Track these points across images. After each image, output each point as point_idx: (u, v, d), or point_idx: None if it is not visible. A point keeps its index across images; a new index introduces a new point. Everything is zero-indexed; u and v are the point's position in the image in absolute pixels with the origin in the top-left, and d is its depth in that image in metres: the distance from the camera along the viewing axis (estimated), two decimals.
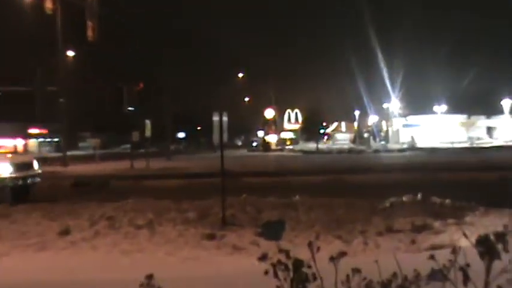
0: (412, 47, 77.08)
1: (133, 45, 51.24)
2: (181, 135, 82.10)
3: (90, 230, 7.73)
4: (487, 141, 54.31)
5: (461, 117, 61.84)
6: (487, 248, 1.53)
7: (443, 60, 67.02)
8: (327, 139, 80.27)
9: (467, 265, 1.57)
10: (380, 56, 53.22)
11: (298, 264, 1.63)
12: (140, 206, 9.58)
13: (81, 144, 56.84)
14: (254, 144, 61.91)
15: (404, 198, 9.47)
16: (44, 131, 51.33)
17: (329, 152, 45.04)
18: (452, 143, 49.24)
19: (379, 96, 67.05)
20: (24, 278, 5.19)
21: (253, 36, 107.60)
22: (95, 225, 8.02)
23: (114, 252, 6.61)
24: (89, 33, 26.34)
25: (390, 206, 8.97)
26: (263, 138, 58.37)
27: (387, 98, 65.39)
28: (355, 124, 72.03)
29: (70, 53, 34.60)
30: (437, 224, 7.34)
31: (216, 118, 8.77)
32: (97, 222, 8.17)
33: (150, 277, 1.75)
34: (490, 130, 61.98)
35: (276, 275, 1.63)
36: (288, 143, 64.29)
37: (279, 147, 54.63)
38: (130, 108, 27.22)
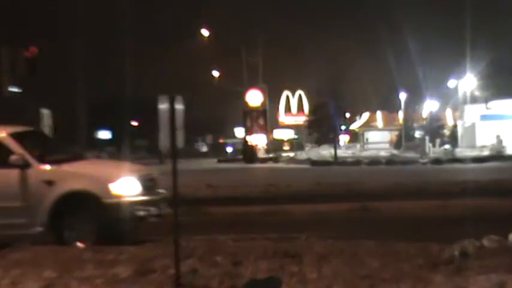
0: None
1: None
2: (105, 135, 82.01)
3: None
4: None
5: None
6: None
7: None
8: (352, 141, 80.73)
9: None
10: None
11: None
12: (34, 255, 9.49)
13: None
14: (229, 149, 62.02)
15: (485, 242, 9.50)
16: None
17: (355, 162, 45.21)
18: None
19: (440, 69, 67.52)
20: None
21: None
22: None
23: None
24: None
25: (461, 255, 8.99)
26: (244, 140, 58.45)
27: (455, 71, 65.92)
28: (400, 116, 72.38)
29: None
30: None
31: (163, 106, 8.71)
32: None
33: None
34: None
35: None
36: (287, 147, 64.59)
37: (270, 155, 54.76)
38: (14, 90, 26.96)
